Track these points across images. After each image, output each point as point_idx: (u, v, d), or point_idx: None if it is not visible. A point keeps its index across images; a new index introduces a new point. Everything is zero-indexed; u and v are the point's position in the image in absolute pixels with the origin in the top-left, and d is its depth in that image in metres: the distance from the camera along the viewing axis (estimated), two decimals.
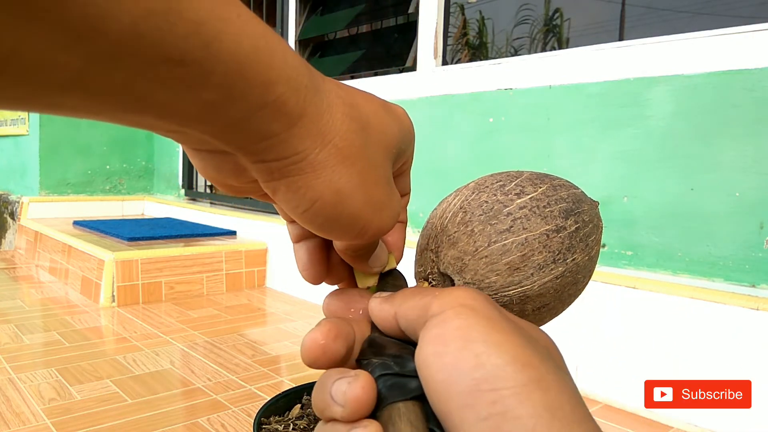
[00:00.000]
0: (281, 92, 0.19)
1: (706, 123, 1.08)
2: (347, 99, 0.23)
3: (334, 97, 0.22)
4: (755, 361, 0.93)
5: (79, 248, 1.97)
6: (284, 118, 0.19)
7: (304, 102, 0.20)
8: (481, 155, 1.50)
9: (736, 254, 1.05)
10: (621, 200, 1.20)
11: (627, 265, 1.19)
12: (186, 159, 2.91)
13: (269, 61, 0.19)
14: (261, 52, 0.18)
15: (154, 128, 0.19)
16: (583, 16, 1.61)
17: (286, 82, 0.19)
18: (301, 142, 0.20)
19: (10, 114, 3.18)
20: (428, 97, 1.64)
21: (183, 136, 0.20)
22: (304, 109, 0.20)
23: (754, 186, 1.02)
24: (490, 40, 1.86)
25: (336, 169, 0.21)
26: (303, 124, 0.20)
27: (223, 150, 0.21)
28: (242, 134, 0.19)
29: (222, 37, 0.17)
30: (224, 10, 0.17)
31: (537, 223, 0.30)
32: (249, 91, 0.18)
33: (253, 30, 0.18)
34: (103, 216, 2.85)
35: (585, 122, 1.27)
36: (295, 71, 0.20)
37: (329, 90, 0.22)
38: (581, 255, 0.31)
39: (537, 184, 0.32)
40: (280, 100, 0.19)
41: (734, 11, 1.15)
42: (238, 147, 0.20)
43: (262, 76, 0.18)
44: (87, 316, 1.61)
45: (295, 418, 0.50)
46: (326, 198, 0.21)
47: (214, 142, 0.20)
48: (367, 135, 0.23)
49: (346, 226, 0.23)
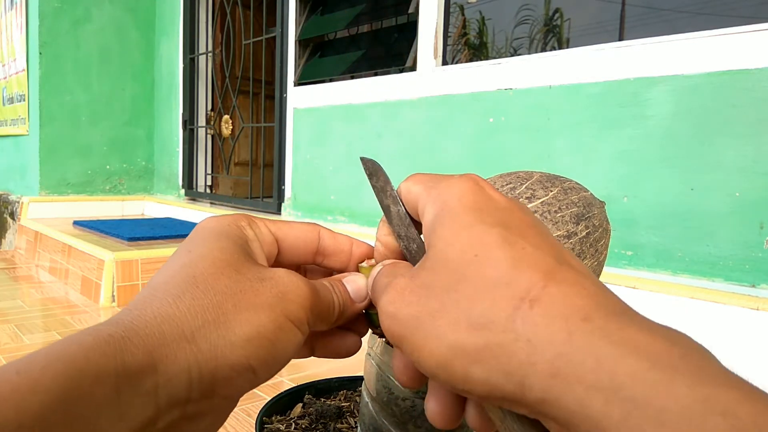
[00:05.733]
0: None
1: (706, 123, 1.08)
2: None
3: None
4: (755, 361, 0.93)
5: (79, 248, 1.97)
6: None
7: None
8: (481, 155, 1.50)
9: (736, 254, 1.05)
10: (621, 200, 1.20)
11: (627, 265, 1.19)
12: (186, 159, 2.92)
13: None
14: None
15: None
16: (583, 16, 1.61)
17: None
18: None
19: (10, 114, 3.18)
20: (428, 97, 1.64)
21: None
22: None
23: (754, 186, 1.03)
24: (490, 40, 1.86)
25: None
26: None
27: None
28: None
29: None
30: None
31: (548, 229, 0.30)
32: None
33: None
34: (103, 216, 2.85)
35: (585, 122, 1.27)
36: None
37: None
38: (591, 260, 0.31)
39: (548, 188, 0.31)
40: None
41: (734, 11, 1.15)
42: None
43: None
44: (87, 316, 1.61)
45: (297, 417, 0.50)
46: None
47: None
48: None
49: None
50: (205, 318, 0.23)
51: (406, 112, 1.69)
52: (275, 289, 0.25)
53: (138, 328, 0.21)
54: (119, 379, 0.20)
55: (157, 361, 0.21)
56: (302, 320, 0.25)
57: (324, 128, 2.00)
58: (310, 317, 0.26)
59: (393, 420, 0.37)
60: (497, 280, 0.20)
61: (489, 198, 0.23)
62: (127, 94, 3.05)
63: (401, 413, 0.37)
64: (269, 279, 0.25)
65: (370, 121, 1.81)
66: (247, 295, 0.24)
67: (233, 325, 0.23)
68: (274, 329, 0.24)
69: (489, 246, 0.21)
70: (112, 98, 2.99)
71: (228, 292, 0.23)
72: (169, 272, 0.24)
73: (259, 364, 0.23)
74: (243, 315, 0.23)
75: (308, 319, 0.26)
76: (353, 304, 0.29)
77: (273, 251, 0.29)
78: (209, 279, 0.24)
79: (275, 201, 2.24)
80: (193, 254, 0.25)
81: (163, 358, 0.21)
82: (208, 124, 2.91)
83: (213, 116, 2.91)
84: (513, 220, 0.22)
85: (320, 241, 0.30)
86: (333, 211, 1.94)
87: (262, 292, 0.24)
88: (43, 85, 2.78)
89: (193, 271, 0.24)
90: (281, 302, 0.24)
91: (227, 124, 2.78)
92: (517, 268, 0.20)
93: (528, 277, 0.20)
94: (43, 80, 2.78)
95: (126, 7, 3.00)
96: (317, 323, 0.27)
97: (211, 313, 0.23)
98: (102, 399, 0.19)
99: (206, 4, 2.89)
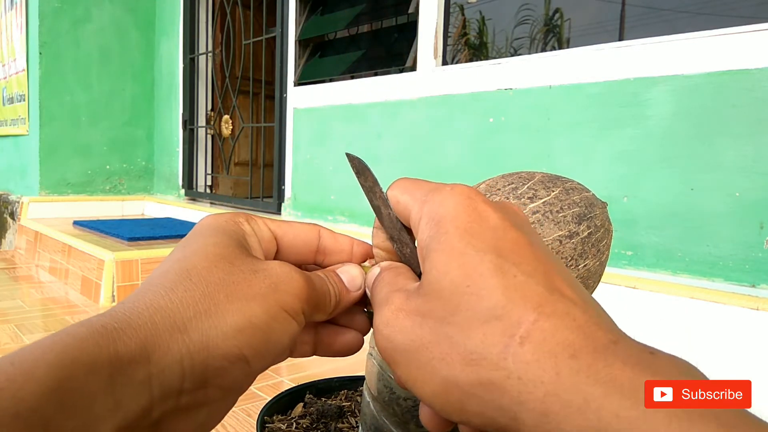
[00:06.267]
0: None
1: (706, 123, 1.08)
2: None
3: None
4: (755, 361, 0.93)
5: (79, 248, 1.97)
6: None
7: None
8: (481, 155, 1.50)
9: (736, 254, 1.05)
10: (621, 200, 1.20)
11: (627, 265, 1.19)
12: (186, 159, 2.92)
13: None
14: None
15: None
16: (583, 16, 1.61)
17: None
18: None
19: (10, 114, 3.18)
20: (428, 97, 1.64)
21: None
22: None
23: (754, 186, 1.03)
24: (490, 40, 1.86)
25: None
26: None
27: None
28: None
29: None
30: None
31: (550, 229, 0.30)
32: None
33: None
34: (103, 216, 2.85)
35: (585, 122, 1.27)
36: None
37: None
38: (593, 260, 0.31)
39: (550, 188, 0.31)
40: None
41: (734, 11, 1.15)
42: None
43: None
44: (87, 316, 1.60)
45: (298, 416, 0.50)
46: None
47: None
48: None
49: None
50: (197, 309, 0.23)
51: (406, 112, 1.69)
52: (268, 280, 0.25)
53: (131, 320, 0.22)
54: (113, 369, 0.20)
55: (150, 352, 0.21)
56: (297, 310, 0.25)
57: (324, 128, 2.00)
58: (305, 307, 0.26)
59: (394, 420, 0.37)
60: (489, 313, 0.20)
61: (482, 217, 0.23)
62: (127, 94, 3.05)
63: (402, 413, 0.37)
64: (262, 270, 0.25)
65: (370, 121, 1.81)
66: (240, 286, 0.24)
67: (225, 316, 0.23)
68: (267, 319, 0.24)
69: (481, 276, 0.21)
70: (112, 98, 2.99)
71: (220, 284, 0.24)
72: (164, 268, 0.25)
73: (252, 353, 0.24)
74: (235, 305, 0.23)
75: (303, 309, 0.26)
76: (348, 293, 0.29)
77: (271, 248, 0.29)
78: (202, 272, 0.24)
79: (275, 201, 2.24)
80: (187, 249, 0.25)
81: (155, 348, 0.21)
82: (208, 124, 2.91)
83: (213, 116, 2.91)
84: (506, 242, 0.22)
85: (320, 241, 0.30)
86: (333, 211, 1.94)
87: (254, 282, 0.25)
88: (43, 85, 2.78)
89: (187, 264, 0.24)
90: (274, 292, 0.25)
91: (227, 124, 2.78)
92: (509, 300, 0.20)
93: (519, 311, 0.20)
94: (43, 80, 2.78)
95: (126, 7, 3.00)
96: (313, 313, 0.27)
97: (203, 304, 0.23)
98: (96, 388, 0.19)
99: (206, 4, 2.89)
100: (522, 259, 0.22)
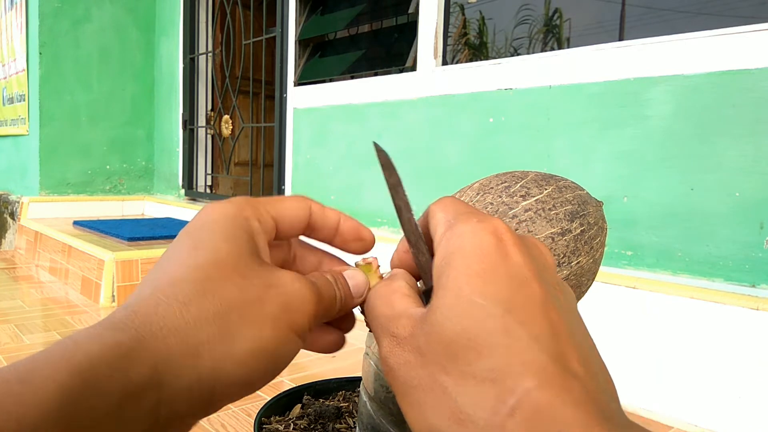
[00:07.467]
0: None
1: (706, 123, 1.08)
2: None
3: None
4: (755, 361, 0.93)
5: (79, 248, 1.97)
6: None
7: None
8: (481, 155, 1.50)
9: (736, 254, 1.05)
10: (621, 200, 1.20)
11: (627, 265, 1.19)
12: (186, 159, 2.92)
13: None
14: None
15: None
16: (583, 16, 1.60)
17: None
18: None
19: (10, 114, 3.18)
20: (428, 97, 1.64)
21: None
22: None
23: (754, 186, 1.02)
24: (490, 40, 1.86)
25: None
26: None
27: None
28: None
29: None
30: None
31: (542, 226, 0.30)
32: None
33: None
34: (103, 216, 2.85)
35: (585, 122, 1.27)
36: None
37: None
38: (586, 258, 0.31)
39: (542, 186, 0.31)
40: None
41: (734, 11, 1.15)
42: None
43: None
44: (87, 316, 1.61)
45: (296, 417, 0.50)
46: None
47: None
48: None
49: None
50: (210, 332, 0.23)
51: (406, 112, 1.69)
52: (280, 299, 0.25)
53: (144, 340, 0.21)
54: (123, 395, 0.20)
55: (161, 375, 0.21)
56: (305, 329, 0.25)
57: (324, 128, 2.00)
58: (312, 323, 0.26)
59: (391, 419, 0.37)
60: (485, 374, 0.20)
61: (502, 262, 0.22)
62: (127, 94, 3.05)
63: (399, 412, 0.37)
64: (275, 287, 0.25)
65: (370, 121, 1.81)
66: (254, 307, 0.24)
67: (237, 342, 0.23)
68: (278, 344, 0.24)
69: (485, 332, 0.21)
70: (112, 98, 2.99)
71: (234, 302, 0.23)
72: (173, 268, 0.24)
73: (259, 377, 0.24)
74: (247, 331, 0.23)
75: (311, 326, 0.26)
76: (352, 300, 0.29)
77: (273, 234, 0.29)
78: (216, 287, 0.23)
79: None
80: (198, 254, 0.24)
81: (167, 372, 0.21)
82: (208, 124, 2.91)
83: (213, 116, 2.92)
84: (519, 296, 0.21)
85: (311, 217, 0.30)
86: None
87: (267, 302, 0.24)
88: (43, 85, 2.78)
89: (201, 275, 0.24)
90: (286, 313, 0.25)
91: (227, 124, 2.78)
92: (508, 364, 0.20)
93: (515, 378, 0.20)
94: (43, 80, 2.78)
95: (126, 7, 3.00)
96: (317, 323, 0.27)
97: (216, 324, 0.23)
98: (104, 413, 0.19)
99: (206, 4, 2.89)
100: (531, 319, 0.21)
